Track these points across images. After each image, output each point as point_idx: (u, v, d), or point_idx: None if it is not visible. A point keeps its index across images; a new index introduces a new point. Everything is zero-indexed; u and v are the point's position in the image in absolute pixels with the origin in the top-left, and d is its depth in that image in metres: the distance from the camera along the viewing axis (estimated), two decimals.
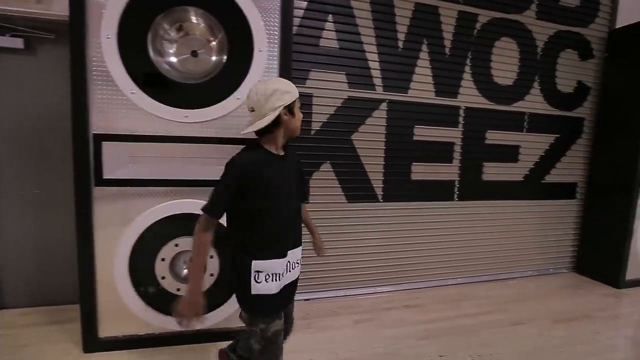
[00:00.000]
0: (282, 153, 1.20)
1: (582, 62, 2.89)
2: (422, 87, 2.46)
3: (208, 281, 1.75)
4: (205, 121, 1.67)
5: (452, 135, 2.58)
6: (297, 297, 2.28)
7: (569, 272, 3.12)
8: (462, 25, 2.50)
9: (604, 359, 1.84)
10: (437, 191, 2.59)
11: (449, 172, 2.61)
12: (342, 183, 2.36)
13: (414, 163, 2.50)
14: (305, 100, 2.22)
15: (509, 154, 2.77)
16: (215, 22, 1.66)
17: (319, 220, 2.31)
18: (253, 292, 1.12)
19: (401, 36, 2.37)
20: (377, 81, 2.35)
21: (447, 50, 2.49)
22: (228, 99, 1.69)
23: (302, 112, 1.22)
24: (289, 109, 1.14)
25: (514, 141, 2.76)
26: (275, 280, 1.14)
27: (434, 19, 2.43)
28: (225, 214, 1.14)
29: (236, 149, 1.24)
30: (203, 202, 1.12)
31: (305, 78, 2.21)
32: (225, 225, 1.19)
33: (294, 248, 1.22)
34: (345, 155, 2.34)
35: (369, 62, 2.32)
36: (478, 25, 2.54)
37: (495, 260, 2.84)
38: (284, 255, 1.17)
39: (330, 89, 2.26)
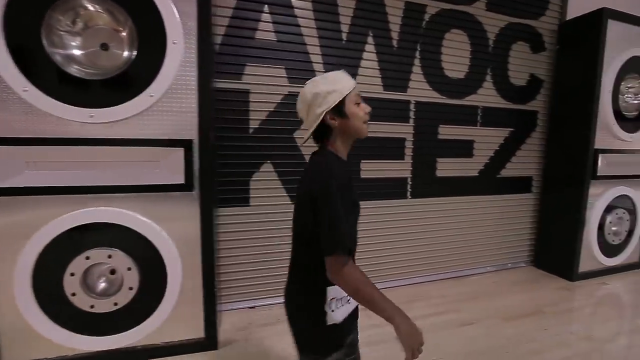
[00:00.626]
0: (345, 158, 1.01)
1: (535, 54, 2.85)
2: (369, 81, 2.36)
3: (126, 296, 1.60)
4: (114, 121, 1.52)
5: (403, 130, 2.49)
6: (239, 305, 2.20)
7: (528, 266, 3.11)
8: (409, 17, 2.41)
9: (546, 357, 1.79)
10: (388, 189, 2.51)
11: (401, 169, 2.52)
12: (286, 183, 2.24)
13: (363, 160, 2.41)
14: (242, 97, 2.09)
15: (463, 149, 2.71)
16: (119, 9, 1.50)
17: (261, 224, 2.20)
18: (329, 322, 0.92)
19: (345, 28, 2.26)
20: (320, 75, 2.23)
21: (394, 43, 2.40)
22: (140, 96, 1.54)
23: (358, 105, 0.95)
24: (337, 111, 0.92)
25: (468, 136, 2.71)
26: (345, 303, 0.96)
27: (379, 10, 2.33)
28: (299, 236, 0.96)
29: (152, 151, 1.08)
30: (115, 210, 0.95)
31: (240, 73, 2.07)
32: (293, 251, 1.02)
33: None
34: (288, 154, 2.22)
35: (311, 56, 2.21)
36: (426, 17, 2.46)
37: (452, 258, 2.79)
38: None
39: (269, 85, 2.13)
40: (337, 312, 0.92)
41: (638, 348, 1.88)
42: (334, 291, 0.91)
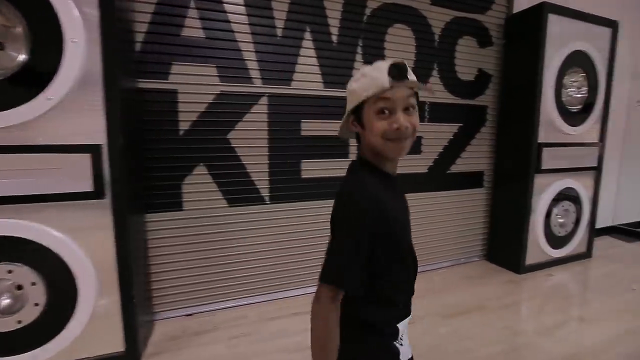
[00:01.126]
0: (395, 173, 0.85)
1: (482, 49, 2.84)
2: (307, 79, 2.29)
3: (31, 313, 1.51)
4: (5, 127, 1.41)
5: None
6: (175, 313, 2.13)
7: (481, 260, 3.14)
8: (349, 11, 2.34)
9: (476, 355, 1.80)
10: (333, 189, 2.46)
11: (345, 167, 2.47)
12: (222, 186, 2.16)
13: (304, 160, 2.35)
14: (170, 98, 2.00)
15: (412, 145, 2.68)
16: (9, 7, 1.38)
17: (197, 228, 2.13)
18: (402, 358, 0.82)
19: (279, 23, 2.18)
20: (254, 74, 2.16)
21: (334, 38, 2.33)
22: (36, 99, 1.43)
23: (379, 118, 0.75)
24: (357, 117, 0.79)
25: (416, 132, 2.67)
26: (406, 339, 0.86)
27: (317, 4, 2.25)
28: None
29: (54, 158, 0.97)
30: (13, 222, 0.85)
31: (166, 72, 1.97)
32: None
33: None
34: (223, 156, 2.14)
35: (243, 53, 2.12)
36: (367, 11, 2.40)
37: None
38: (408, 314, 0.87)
39: (199, 84, 2.04)
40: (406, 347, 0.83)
41: (569, 341, 1.91)
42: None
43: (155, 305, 2.08)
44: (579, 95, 2.81)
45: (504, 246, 2.95)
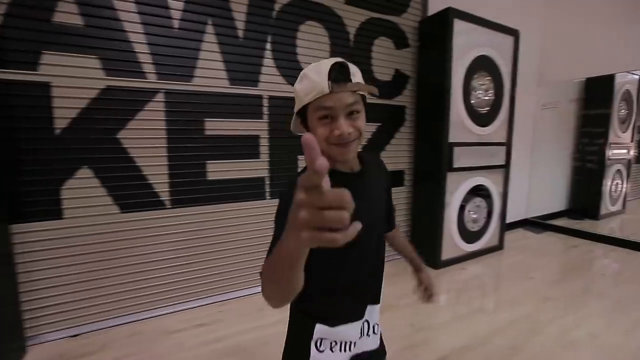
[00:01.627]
0: (356, 169, 0.82)
1: (399, 50, 2.90)
2: (211, 75, 2.16)
3: None
4: None
5: (256, 127, 2.35)
6: (56, 335, 1.90)
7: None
8: (256, 6, 2.25)
9: None
10: (245, 190, 2.36)
11: (257, 168, 2.39)
12: (112, 190, 1.96)
13: (209, 161, 2.22)
14: (41, 91, 1.76)
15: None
16: None
17: (83, 238, 1.91)
18: None
19: (176, 14, 2.03)
20: (148, 67, 1.98)
21: (240, 34, 2.22)
22: None
23: (322, 124, 0.73)
24: (302, 118, 0.78)
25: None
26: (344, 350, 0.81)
27: None
28: None
29: None
30: None
31: (34, 62, 1.73)
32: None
33: (373, 303, 0.86)
34: (112, 158, 1.94)
35: (134, 45, 1.93)
36: (277, 6, 2.32)
37: None
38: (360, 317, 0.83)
39: (78, 77, 1.82)
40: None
41: (463, 333, 1.98)
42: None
43: (29, 328, 1.83)
44: (486, 98, 2.98)
45: (423, 243, 3.05)
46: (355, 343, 0.83)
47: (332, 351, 0.80)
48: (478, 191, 3.08)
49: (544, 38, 3.94)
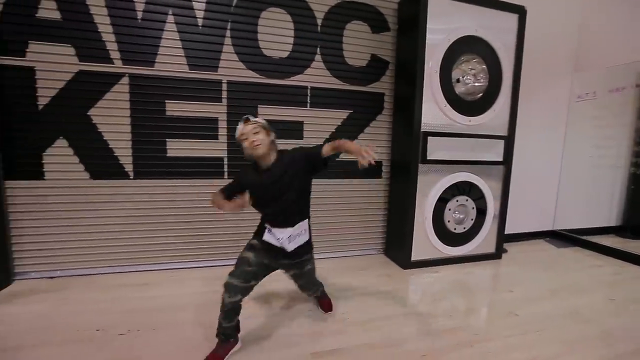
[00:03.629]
0: (269, 163, 1.55)
1: (377, 34, 2.76)
2: (171, 60, 2.37)
3: None
4: None
5: (215, 110, 2.50)
6: (39, 274, 2.30)
7: (379, 254, 3.06)
8: None
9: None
10: (202, 168, 2.53)
11: (215, 148, 2.54)
12: (84, 159, 2.31)
13: (169, 140, 2.44)
14: (27, 75, 2.17)
15: (293, 130, 2.68)
16: None
17: (59, 197, 2.30)
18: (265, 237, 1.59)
19: (139, 6, 2.28)
20: (115, 54, 2.28)
21: (199, 22, 2.39)
22: None
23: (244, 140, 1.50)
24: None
25: (295, 116, 2.67)
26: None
27: None
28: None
29: None
30: None
31: (23, 50, 2.14)
32: (304, 207, 1.65)
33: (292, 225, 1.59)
34: (83, 131, 2.29)
35: (102, 34, 2.24)
36: None
37: None
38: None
39: (57, 62, 2.19)
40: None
41: (374, 333, 1.84)
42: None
43: (17, 265, 2.28)
44: (477, 84, 2.65)
45: (396, 240, 2.86)
46: (283, 238, 1.56)
47: (269, 231, 1.57)
48: (462, 188, 2.76)
49: (584, 16, 3.29)
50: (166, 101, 2.40)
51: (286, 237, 1.55)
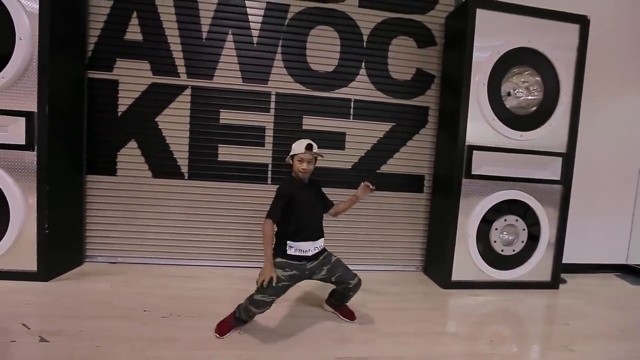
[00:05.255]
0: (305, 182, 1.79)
1: (422, 49, 2.77)
2: (228, 74, 2.63)
3: None
4: None
5: (263, 119, 2.69)
6: (105, 259, 2.62)
7: (418, 271, 2.94)
8: (270, 16, 2.62)
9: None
10: (248, 173, 2.70)
11: (261, 155, 2.71)
12: (148, 159, 2.62)
13: (221, 145, 2.67)
14: (113, 86, 2.56)
15: (335, 140, 2.76)
16: None
17: (127, 192, 2.62)
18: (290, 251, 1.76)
19: (204, 27, 2.59)
20: (181, 69, 2.59)
21: (254, 40, 2.63)
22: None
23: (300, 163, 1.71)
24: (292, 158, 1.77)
25: (339, 128, 2.76)
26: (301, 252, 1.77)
27: (239, 11, 2.60)
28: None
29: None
30: None
31: (111, 66, 2.54)
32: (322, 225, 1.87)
33: (317, 239, 1.80)
34: (150, 135, 2.61)
35: (172, 52, 2.58)
36: (290, 15, 2.64)
37: None
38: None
39: (135, 76, 2.56)
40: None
41: (361, 348, 1.76)
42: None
43: (87, 249, 2.62)
44: (530, 97, 2.51)
45: (436, 258, 2.74)
46: (309, 249, 1.73)
47: (291, 247, 1.71)
48: (511, 208, 2.57)
49: None
50: (221, 110, 2.65)
51: (312, 248, 1.75)
